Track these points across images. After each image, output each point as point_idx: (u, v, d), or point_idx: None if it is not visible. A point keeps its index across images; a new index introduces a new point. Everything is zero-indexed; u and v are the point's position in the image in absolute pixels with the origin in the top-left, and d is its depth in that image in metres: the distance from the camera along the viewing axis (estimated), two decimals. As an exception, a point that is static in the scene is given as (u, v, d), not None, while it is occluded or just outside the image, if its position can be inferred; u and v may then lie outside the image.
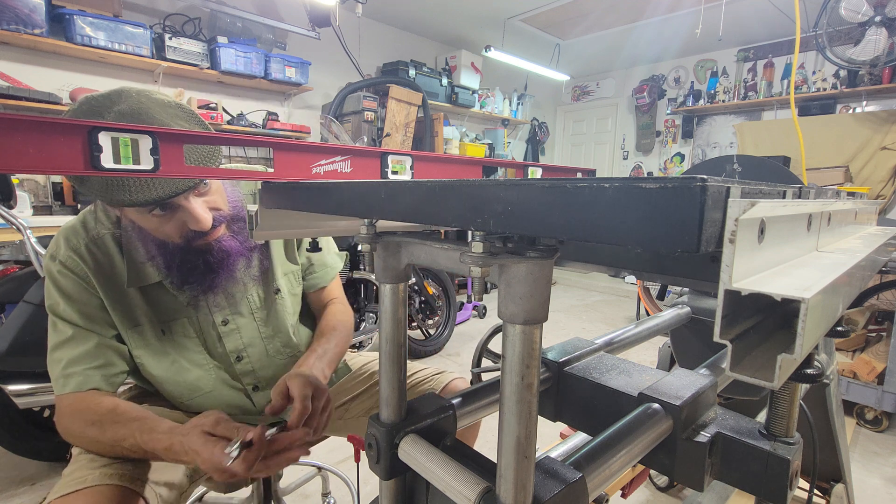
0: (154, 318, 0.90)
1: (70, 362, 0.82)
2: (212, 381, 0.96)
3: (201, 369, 0.95)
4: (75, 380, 0.82)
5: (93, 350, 0.84)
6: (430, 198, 0.36)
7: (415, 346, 3.14)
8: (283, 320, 1.03)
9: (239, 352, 0.98)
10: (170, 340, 0.92)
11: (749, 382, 0.26)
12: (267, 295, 1.01)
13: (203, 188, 0.82)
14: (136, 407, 0.83)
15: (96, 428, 0.78)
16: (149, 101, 0.75)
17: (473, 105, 5.06)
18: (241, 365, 0.99)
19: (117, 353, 0.87)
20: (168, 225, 0.81)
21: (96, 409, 0.80)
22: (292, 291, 1.08)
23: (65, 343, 0.83)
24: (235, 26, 3.51)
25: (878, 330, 2.78)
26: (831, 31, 3.36)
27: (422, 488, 0.50)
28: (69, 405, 0.81)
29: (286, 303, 1.05)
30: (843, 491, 1.36)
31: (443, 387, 1.09)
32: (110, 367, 0.86)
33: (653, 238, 0.24)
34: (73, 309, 0.84)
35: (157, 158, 0.39)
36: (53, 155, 0.34)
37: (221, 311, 0.96)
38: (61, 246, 0.86)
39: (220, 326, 0.96)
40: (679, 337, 1.11)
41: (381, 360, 0.51)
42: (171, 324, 0.92)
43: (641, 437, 0.50)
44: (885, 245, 0.63)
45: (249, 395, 1.01)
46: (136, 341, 0.89)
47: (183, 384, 0.93)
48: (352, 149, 0.53)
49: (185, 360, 0.93)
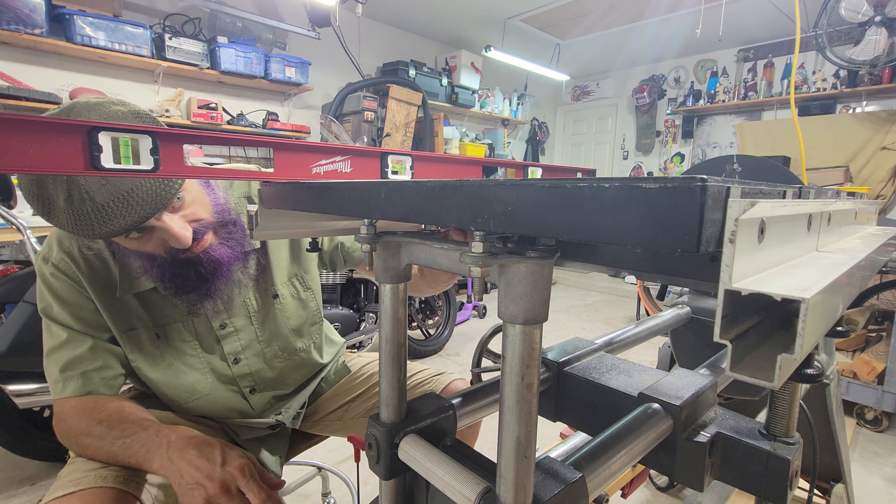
0: (149, 322, 0.89)
1: (67, 365, 0.81)
2: (209, 383, 0.95)
3: (198, 372, 0.94)
4: (74, 383, 0.81)
5: (88, 353, 0.83)
6: (430, 198, 0.36)
7: (415, 346, 3.14)
8: (281, 325, 1.01)
9: (236, 354, 0.97)
10: (165, 344, 0.90)
11: (749, 382, 0.26)
12: (265, 299, 0.99)
13: (177, 203, 0.77)
14: (142, 414, 0.82)
15: (103, 427, 0.78)
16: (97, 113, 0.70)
17: (473, 105, 5.06)
18: (238, 367, 0.97)
19: (114, 356, 0.87)
20: (149, 244, 0.79)
21: (102, 409, 0.80)
22: (297, 296, 1.05)
23: (60, 347, 0.82)
24: (235, 26, 3.51)
25: (878, 330, 2.78)
26: (831, 31, 3.36)
27: (422, 488, 0.50)
28: (72, 407, 0.81)
29: (286, 308, 1.02)
30: (843, 491, 1.36)
31: (443, 388, 1.09)
32: (108, 370, 0.85)
33: (653, 238, 0.24)
34: (67, 312, 0.83)
35: (157, 158, 0.39)
36: (53, 155, 0.34)
37: (219, 315, 0.94)
38: (54, 248, 0.84)
39: (217, 330, 0.95)
40: (679, 337, 1.11)
41: (381, 360, 0.51)
42: (167, 328, 0.91)
43: (641, 437, 0.50)
44: (885, 245, 0.63)
45: (246, 398, 1.01)
46: (131, 345, 0.88)
47: (180, 387, 0.92)
48: (352, 149, 0.53)
49: (181, 364, 0.92)
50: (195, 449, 0.72)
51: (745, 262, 0.26)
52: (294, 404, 1.10)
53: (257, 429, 1.05)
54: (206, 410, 0.98)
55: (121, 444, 0.76)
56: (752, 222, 0.26)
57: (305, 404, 1.13)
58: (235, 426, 1.03)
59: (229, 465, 0.71)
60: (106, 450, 0.77)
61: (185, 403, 0.95)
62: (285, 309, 1.02)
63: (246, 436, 1.03)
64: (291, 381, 1.08)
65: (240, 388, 0.99)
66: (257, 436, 1.05)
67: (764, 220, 0.28)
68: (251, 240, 0.82)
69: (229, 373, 0.97)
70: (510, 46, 4.79)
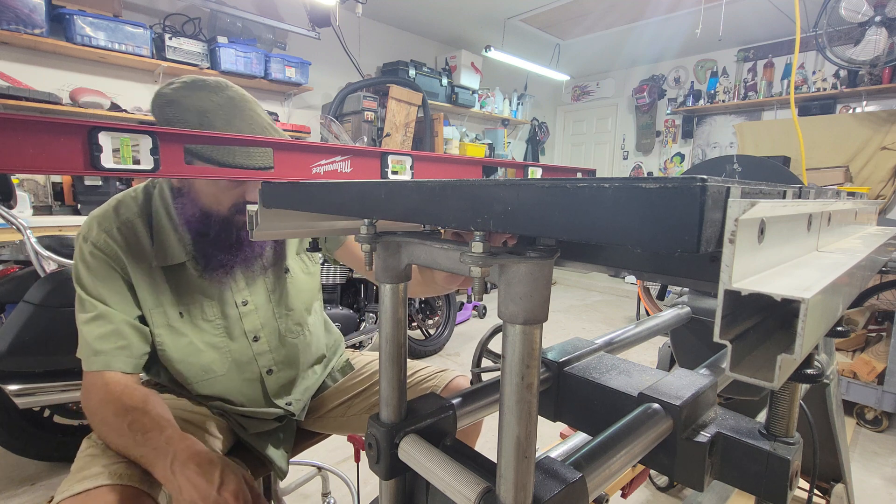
0: (175, 299, 0.94)
1: (97, 339, 0.85)
2: (227, 364, 0.99)
3: (217, 352, 0.97)
4: (102, 359, 0.85)
5: (117, 330, 0.87)
6: (430, 198, 0.36)
7: (415, 346, 3.14)
8: (293, 299, 1.07)
9: (256, 332, 1.01)
10: (188, 322, 0.95)
11: (749, 382, 0.26)
12: (278, 275, 1.05)
13: None
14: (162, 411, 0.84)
15: (123, 420, 0.79)
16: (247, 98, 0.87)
17: (473, 105, 5.06)
18: (257, 345, 1.02)
19: (140, 335, 0.90)
20: (231, 192, 0.89)
21: (129, 397, 0.82)
22: (306, 271, 1.12)
23: (92, 321, 0.86)
24: (235, 26, 3.51)
25: (878, 330, 2.78)
26: (831, 31, 3.36)
27: (422, 488, 0.50)
28: (100, 387, 0.84)
29: (297, 281, 1.08)
30: (843, 491, 1.36)
31: (445, 384, 1.10)
32: (134, 349, 0.89)
33: (653, 238, 0.24)
34: (100, 288, 0.88)
35: (157, 158, 0.39)
36: (53, 155, 0.34)
37: (240, 292, 1.00)
38: (94, 228, 0.90)
39: (240, 307, 0.99)
40: (679, 337, 1.11)
41: (381, 360, 0.51)
42: (191, 306, 0.95)
43: (641, 437, 0.50)
44: (885, 245, 0.63)
45: (263, 380, 1.03)
46: (158, 320, 0.92)
47: (196, 365, 0.96)
48: (352, 149, 0.53)
49: (200, 343, 0.96)
50: (197, 466, 0.73)
51: (745, 262, 0.26)
52: (304, 394, 1.13)
53: (265, 421, 1.07)
54: (219, 391, 1.00)
55: (133, 441, 0.78)
56: (752, 222, 0.26)
57: (312, 395, 1.16)
58: (243, 420, 1.04)
59: (226, 488, 0.72)
60: (120, 443, 0.79)
61: (198, 381, 0.97)
62: (296, 283, 1.08)
63: (254, 429, 1.05)
64: (303, 362, 1.11)
65: (258, 366, 1.02)
66: (265, 429, 1.07)
67: (764, 220, 0.28)
68: (251, 239, 0.83)
69: (249, 352, 1.01)
70: (510, 46, 4.79)
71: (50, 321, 1.48)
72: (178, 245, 0.92)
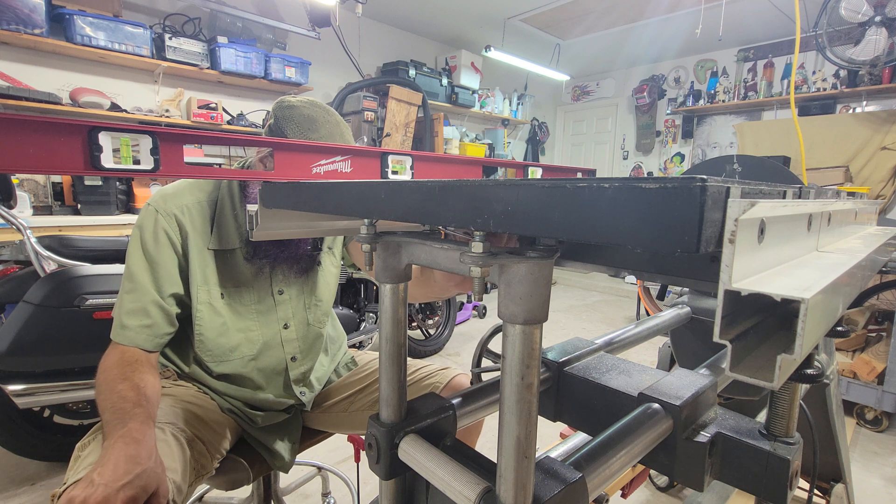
0: (220, 281, 1.01)
1: (126, 314, 0.92)
2: (256, 347, 1.05)
3: (247, 335, 1.04)
4: (127, 334, 0.91)
5: (144, 308, 0.93)
6: (430, 198, 0.36)
7: (415, 346, 3.14)
8: (322, 289, 1.15)
9: (287, 320, 1.09)
10: (227, 304, 1.02)
11: (749, 382, 0.26)
12: (312, 267, 1.13)
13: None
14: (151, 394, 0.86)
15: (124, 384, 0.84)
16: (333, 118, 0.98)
17: (473, 105, 5.05)
18: (286, 332, 1.09)
19: (165, 316, 0.95)
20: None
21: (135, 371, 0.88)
22: (334, 264, 1.20)
23: (128, 293, 0.93)
24: (235, 26, 3.50)
25: (878, 330, 2.78)
26: (831, 31, 3.35)
27: (422, 488, 0.50)
28: (118, 354, 0.90)
29: (326, 275, 1.17)
30: (843, 491, 1.36)
31: (446, 382, 1.11)
32: (157, 328, 0.94)
33: (653, 238, 0.24)
34: (146, 261, 0.94)
35: (157, 158, 0.39)
36: (53, 155, 0.34)
37: (279, 282, 1.07)
38: (168, 201, 0.97)
39: (276, 296, 1.07)
40: (679, 337, 1.11)
41: (381, 360, 0.51)
42: (232, 290, 1.02)
43: (641, 437, 0.50)
44: (885, 245, 0.63)
45: (287, 367, 1.09)
46: (202, 296, 0.99)
47: (225, 345, 1.02)
48: (352, 149, 0.53)
49: (233, 327, 1.02)
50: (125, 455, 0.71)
51: (745, 262, 0.26)
52: (318, 383, 1.18)
53: (275, 412, 1.10)
54: (238, 372, 1.04)
55: (111, 403, 0.81)
56: (752, 222, 0.26)
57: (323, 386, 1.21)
58: (253, 413, 1.07)
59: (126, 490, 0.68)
60: (101, 398, 0.84)
61: (219, 358, 1.02)
62: (325, 276, 1.16)
63: (263, 422, 1.08)
64: (315, 351, 1.16)
65: (285, 353, 1.09)
66: (274, 421, 1.10)
67: (764, 220, 0.28)
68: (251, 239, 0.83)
69: (278, 338, 1.08)
70: (510, 46, 4.79)
71: (50, 321, 1.48)
72: (234, 232, 1.00)
